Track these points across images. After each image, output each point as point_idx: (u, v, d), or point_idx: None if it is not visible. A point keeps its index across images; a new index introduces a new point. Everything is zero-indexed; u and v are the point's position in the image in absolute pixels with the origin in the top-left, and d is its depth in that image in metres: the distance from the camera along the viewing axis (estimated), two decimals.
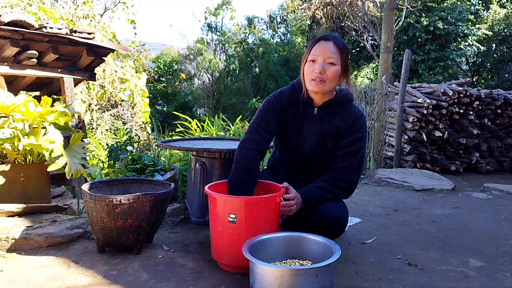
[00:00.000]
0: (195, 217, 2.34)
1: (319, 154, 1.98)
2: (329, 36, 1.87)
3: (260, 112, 1.97)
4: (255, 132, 1.92)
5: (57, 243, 2.00)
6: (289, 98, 1.97)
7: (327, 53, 1.82)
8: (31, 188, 2.35)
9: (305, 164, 2.03)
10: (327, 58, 1.82)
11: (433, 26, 12.53)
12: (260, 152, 1.91)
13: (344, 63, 1.87)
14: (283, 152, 2.08)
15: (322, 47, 1.83)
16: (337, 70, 1.84)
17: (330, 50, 1.82)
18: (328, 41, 1.84)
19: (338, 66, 1.84)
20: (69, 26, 5.90)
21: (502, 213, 3.15)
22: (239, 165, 1.86)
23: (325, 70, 1.82)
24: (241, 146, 1.91)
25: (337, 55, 1.84)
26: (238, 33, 15.21)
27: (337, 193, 1.92)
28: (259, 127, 1.93)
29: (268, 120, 1.94)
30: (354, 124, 1.94)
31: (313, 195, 1.88)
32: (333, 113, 1.95)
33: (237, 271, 1.74)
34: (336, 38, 1.87)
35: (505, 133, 5.48)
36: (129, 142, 3.56)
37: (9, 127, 2.31)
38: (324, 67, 1.82)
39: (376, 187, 3.98)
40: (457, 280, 1.80)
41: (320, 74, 1.82)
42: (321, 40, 1.85)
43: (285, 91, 2.00)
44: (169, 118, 12.65)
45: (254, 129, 1.93)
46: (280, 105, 1.96)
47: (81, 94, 7.09)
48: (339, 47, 1.84)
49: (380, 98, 5.57)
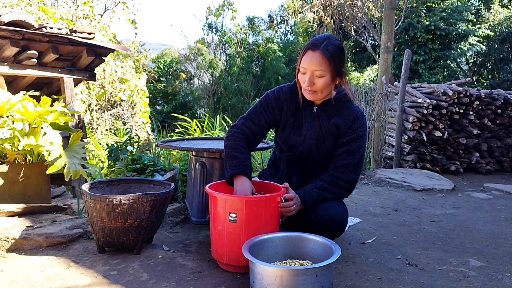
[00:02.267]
0: (195, 217, 2.34)
1: (318, 152, 1.99)
2: (317, 44, 1.81)
3: (256, 105, 2.05)
4: (243, 121, 2.01)
5: (57, 243, 2.00)
6: (287, 94, 1.99)
7: (313, 66, 1.80)
8: (31, 188, 2.35)
9: (304, 162, 2.04)
10: (315, 71, 1.81)
11: (434, 26, 12.53)
12: (247, 139, 1.98)
13: (334, 70, 1.83)
14: (283, 150, 2.10)
15: (309, 59, 1.81)
16: (326, 81, 1.82)
17: (317, 62, 1.79)
18: (315, 51, 1.79)
19: (326, 76, 1.82)
20: (69, 26, 5.90)
21: (502, 213, 3.14)
22: (228, 147, 1.93)
23: (314, 83, 1.83)
24: (229, 131, 2.00)
25: (324, 66, 1.79)
26: (238, 33, 15.22)
27: (336, 192, 1.91)
28: (248, 118, 2.00)
29: (260, 114, 2.00)
30: (354, 123, 1.94)
31: (312, 195, 1.88)
32: (332, 112, 1.95)
33: (237, 271, 1.74)
34: (325, 45, 1.80)
35: (505, 133, 5.48)
36: (129, 142, 3.56)
37: (8, 127, 2.31)
38: (312, 79, 1.82)
39: (376, 187, 3.98)
40: (457, 280, 1.80)
41: (310, 87, 1.84)
42: (309, 50, 1.81)
43: (285, 87, 2.03)
44: (169, 118, 12.66)
45: (243, 119, 2.02)
46: (277, 101, 1.99)
47: (81, 94, 7.09)
48: (326, 56, 1.78)
49: (380, 98, 5.57)
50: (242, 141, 1.95)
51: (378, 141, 5.60)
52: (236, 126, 2.00)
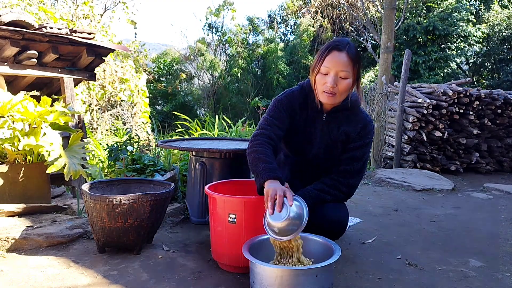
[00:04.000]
0: (195, 217, 2.34)
1: (325, 159, 1.96)
2: (342, 45, 1.75)
3: (271, 110, 1.89)
4: (269, 127, 1.84)
5: (57, 243, 2.00)
6: (300, 100, 1.92)
7: (340, 67, 1.72)
8: (31, 188, 2.35)
9: (311, 168, 2.02)
10: (340, 72, 1.73)
11: (433, 27, 12.53)
12: (272, 146, 1.81)
13: (357, 74, 1.79)
14: (288, 154, 2.06)
15: (336, 59, 1.73)
16: (349, 83, 1.77)
17: (343, 63, 1.72)
18: (341, 52, 1.73)
19: (350, 79, 1.76)
20: (69, 26, 5.90)
21: (502, 213, 3.14)
22: (254, 154, 1.75)
23: (337, 84, 1.75)
24: (252, 140, 1.82)
25: (350, 68, 1.74)
26: (239, 33, 15.21)
27: (335, 194, 1.90)
28: (272, 124, 1.85)
29: (281, 118, 1.86)
30: (363, 130, 1.91)
31: (311, 196, 1.86)
32: (342, 119, 1.91)
33: (237, 271, 1.74)
34: (349, 47, 1.75)
35: (505, 133, 5.48)
36: (129, 142, 3.56)
37: (8, 127, 2.31)
38: (336, 80, 1.74)
39: (376, 187, 3.98)
40: (457, 280, 1.80)
41: (332, 88, 1.75)
42: (334, 50, 1.74)
43: (295, 91, 1.93)
44: (169, 118, 12.66)
45: (268, 125, 1.85)
46: (291, 106, 1.90)
47: (81, 94, 7.09)
48: (352, 58, 1.74)
49: (380, 98, 5.58)
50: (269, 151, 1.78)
51: (378, 141, 5.60)
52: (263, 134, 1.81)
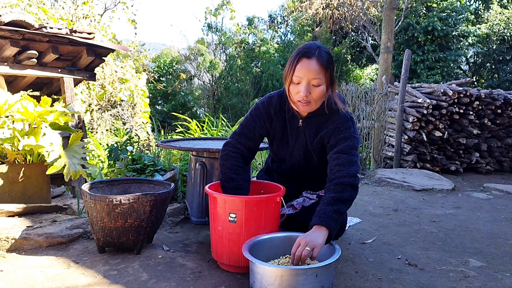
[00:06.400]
0: (195, 217, 2.34)
1: (308, 167, 1.94)
2: (311, 51, 1.71)
3: (246, 118, 1.95)
4: (237, 137, 1.92)
5: (57, 243, 2.00)
6: (277, 106, 1.91)
7: (311, 75, 1.69)
8: (31, 188, 2.35)
9: (296, 175, 2.01)
10: (312, 80, 1.70)
11: (432, 27, 12.53)
12: (243, 156, 1.90)
13: (329, 79, 1.75)
14: (274, 161, 2.08)
15: (306, 68, 1.69)
16: (323, 90, 1.73)
17: (315, 71, 1.69)
18: (311, 60, 1.69)
19: (323, 85, 1.73)
20: (69, 26, 5.90)
21: (502, 213, 3.15)
22: (224, 167, 1.86)
23: (311, 92, 1.72)
24: (223, 150, 1.91)
25: (321, 74, 1.70)
26: (238, 33, 15.22)
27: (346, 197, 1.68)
28: (241, 134, 1.92)
29: (252, 128, 1.91)
30: (341, 125, 1.82)
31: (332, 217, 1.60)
32: (318, 124, 1.86)
33: (237, 271, 1.74)
34: (320, 53, 1.71)
35: (505, 133, 5.48)
36: (129, 142, 3.56)
37: (8, 127, 2.31)
38: (309, 89, 1.71)
39: (376, 187, 3.98)
40: (457, 280, 1.80)
41: (306, 97, 1.73)
42: (303, 58, 1.70)
43: (275, 97, 1.92)
44: (169, 118, 12.67)
45: (237, 135, 1.93)
46: (267, 114, 1.91)
47: (81, 94, 7.09)
48: (323, 64, 1.70)
49: (380, 98, 5.57)
50: (238, 160, 1.87)
51: (378, 141, 5.60)
52: (230, 144, 1.91)
